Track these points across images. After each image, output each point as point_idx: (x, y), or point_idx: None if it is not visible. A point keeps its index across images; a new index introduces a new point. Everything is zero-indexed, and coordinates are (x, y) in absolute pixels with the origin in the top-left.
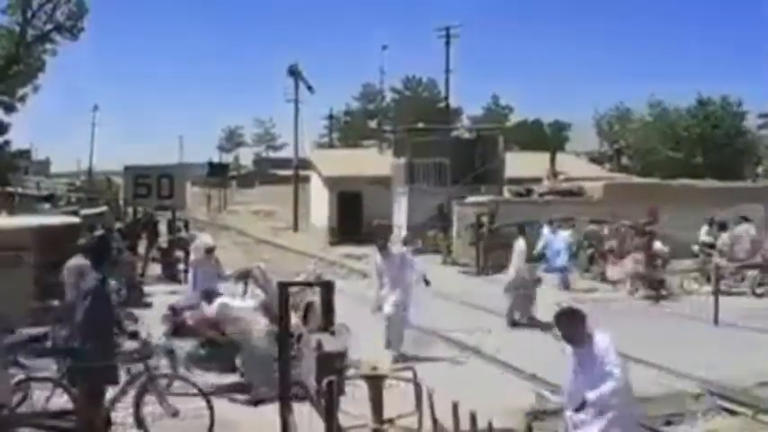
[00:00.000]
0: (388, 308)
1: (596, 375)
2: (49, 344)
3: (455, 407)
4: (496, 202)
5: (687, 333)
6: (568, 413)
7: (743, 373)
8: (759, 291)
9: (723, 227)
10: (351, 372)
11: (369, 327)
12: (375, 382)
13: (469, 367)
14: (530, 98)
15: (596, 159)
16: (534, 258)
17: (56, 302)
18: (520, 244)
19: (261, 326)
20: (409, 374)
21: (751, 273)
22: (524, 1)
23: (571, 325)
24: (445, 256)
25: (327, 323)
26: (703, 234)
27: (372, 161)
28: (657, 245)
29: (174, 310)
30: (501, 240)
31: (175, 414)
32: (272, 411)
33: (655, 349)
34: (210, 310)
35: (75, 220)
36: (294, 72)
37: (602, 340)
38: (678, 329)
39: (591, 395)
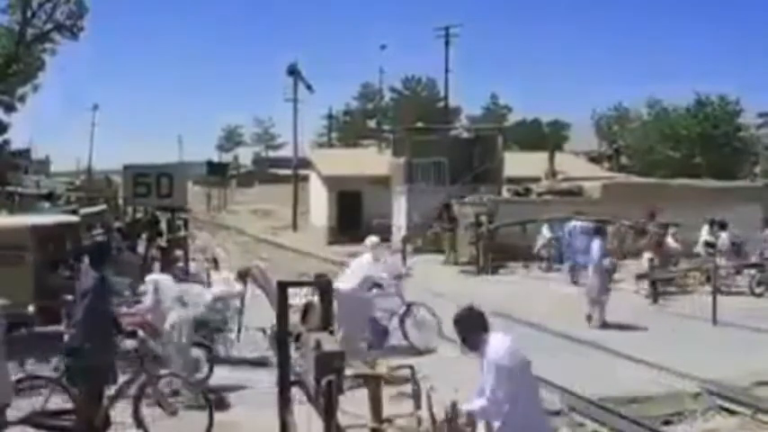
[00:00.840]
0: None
1: (479, 389)
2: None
3: (454, 406)
4: (495, 201)
5: (686, 332)
6: None
7: (741, 372)
8: (758, 290)
9: (723, 227)
10: (349, 371)
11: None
12: (374, 382)
13: (468, 366)
14: (529, 98)
15: (595, 159)
16: (535, 257)
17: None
18: (596, 244)
19: (174, 320)
20: (407, 373)
21: (749, 272)
22: (524, 1)
23: (463, 327)
24: (448, 255)
25: (326, 322)
26: (705, 234)
27: (372, 161)
28: (670, 241)
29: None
30: (500, 240)
31: (174, 413)
32: (271, 411)
33: (654, 348)
34: (145, 309)
35: (75, 218)
36: (293, 71)
37: (493, 348)
38: (677, 329)
39: (465, 407)
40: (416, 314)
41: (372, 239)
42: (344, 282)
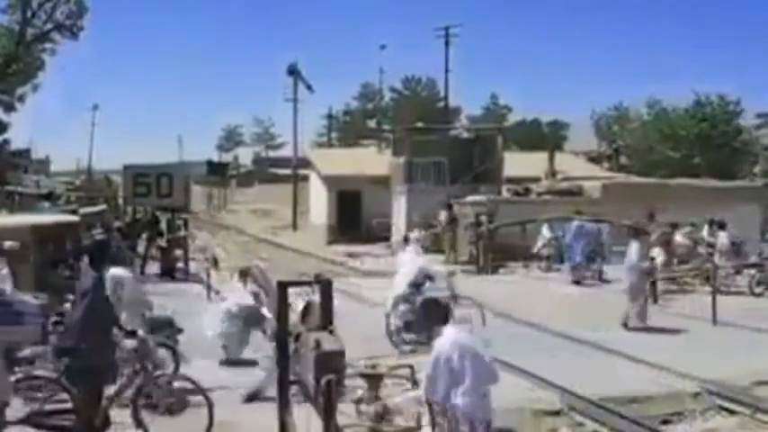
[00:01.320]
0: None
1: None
2: None
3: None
4: (495, 201)
5: (686, 332)
6: None
7: (741, 372)
8: (757, 290)
9: (722, 227)
10: (349, 370)
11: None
12: (373, 381)
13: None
14: (528, 98)
15: (595, 159)
16: (535, 257)
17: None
18: (634, 245)
19: (124, 319)
20: (407, 372)
21: (749, 272)
22: (524, 1)
23: (426, 318)
24: (448, 254)
25: (326, 322)
26: (705, 234)
27: (371, 160)
28: (678, 237)
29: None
30: (500, 240)
31: (173, 413)
32: (271, 411)
33: (654, 348)
34: None
35: (75, 218)
36: (293, 71)
37: (442, 338)
38: (677, 329)
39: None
40: (462, 305)
41: (416, 234)
42: (401, 278)
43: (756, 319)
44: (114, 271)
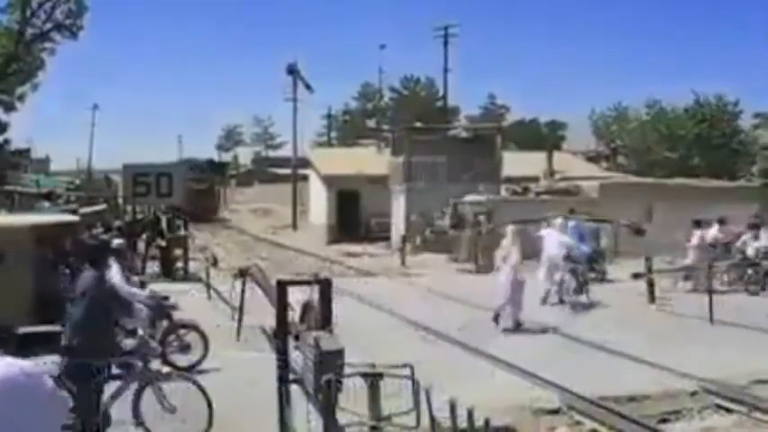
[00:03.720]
0: None
1: None
2: None
3: (452, 404)
4: (494, 201)
5: (683, 331)
6: None
7: (738, 371)
8: (753, 289)
9: (698, 224)
10: (349, 369)
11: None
12: (373, 380)
13: (467, 364)
14: (527, 97)
15: (593, 159)
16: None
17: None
18: None
19: None
20: (406, 371)
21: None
22: (523, 1)
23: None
24: (455, 254)
25: (325, 321)
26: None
27: (371, 160)
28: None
29: None
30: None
31: (173, 412)
32: (271, 410)
33: (652, 348)
34: None
35: (75, 218)
36: (293, 71)
37: None
38: (674, 328)
39: None
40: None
41: (559, 220)
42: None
43: (752, 317)
44: None
